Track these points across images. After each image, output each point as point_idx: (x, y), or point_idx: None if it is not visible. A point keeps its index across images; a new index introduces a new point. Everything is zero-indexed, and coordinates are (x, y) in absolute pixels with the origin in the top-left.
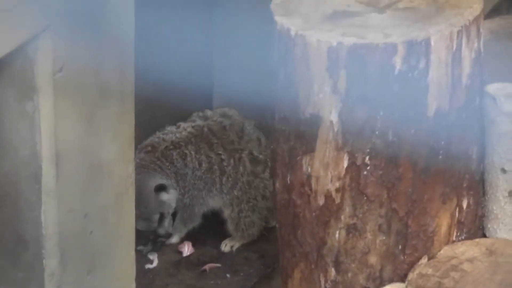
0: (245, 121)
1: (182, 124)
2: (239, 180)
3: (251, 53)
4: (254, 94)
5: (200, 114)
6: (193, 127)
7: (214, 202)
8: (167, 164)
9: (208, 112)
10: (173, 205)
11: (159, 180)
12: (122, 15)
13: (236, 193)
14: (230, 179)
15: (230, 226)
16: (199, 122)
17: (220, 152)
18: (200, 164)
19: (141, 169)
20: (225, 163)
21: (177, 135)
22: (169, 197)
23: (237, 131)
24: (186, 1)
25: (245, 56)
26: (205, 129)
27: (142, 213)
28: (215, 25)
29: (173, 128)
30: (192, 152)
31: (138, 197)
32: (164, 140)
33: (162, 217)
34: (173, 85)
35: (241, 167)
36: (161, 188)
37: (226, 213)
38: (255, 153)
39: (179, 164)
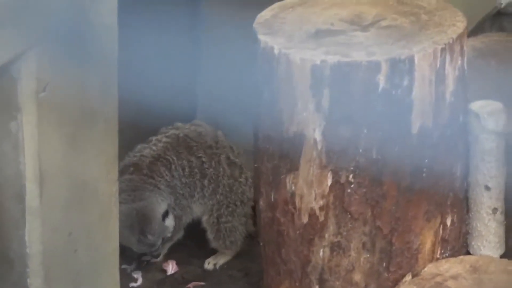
0: (216, 130)
1: (154, 138)
2: (221, 182)
3: (236, 70)
4: (238, 112)
5: (169, 127)
6: (167, 136)
7: (196, 208)
8: (159, 179)
9: (178, 124)
10: (172, 229)
11: (162, 205)
12: (106, 35)
13: (218, 197)
14: (212, 181)
15: (210, 235)
16: (173, 131)
17: (200, 154)
18: (183, 170)
19: (139, 192)
20: (206, 165)
21: (154, 148)
22: (170, 221)
23: (212, 136)
24: (170, 17)
25: (229, 74)
26: (181, 135)
27: (149, 240)
28: (200, 42)
29: (145, 145)
30: (174, 158)
31: (146, 226)
32: (143, 155)
33: (162, 241)
34: (157, 103)
35: (221, 169)
36: (166, 214)
37: (205, 219)
38: (232, 157)
39: (167, 176)
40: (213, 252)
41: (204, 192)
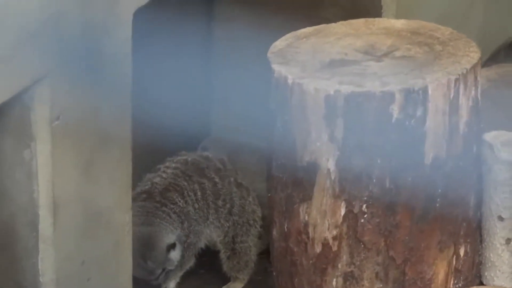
0: (221, 155)
1: (161, 166)
2: (235, 203)
3: (251, 98)
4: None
5: (173, 156)
6: (175, 162)
7: (211, 231)
8: (171, 206)
9: (183, 152)
10: (176, 262)
11: (170, 236)
12: (120, 63)
13: (233, 218)
14: (226, 201)
15: (223, 256)
16: (181, 157)
17: (213, 175)
18: (195, 194)
19: (150, 218)
20: (219, 186)
21: (164, 175)
22: (176, 255)
23: (219, 160)
24: (184, 39)
25: (244, 103)
26: (189, 159)
27: (147, 266)
28: (214, 64)
29: (153, 173)
30: (185, 184)
31: (148, 252)
32: (155, 183)
33: (163, 271)
34: (171, 130)
35: (233, 189)
36: (172, 247)
37: (219, 239)
38: (239, 179)
39: (180, 202)
40: (226, 280)
41: (219, 213)
